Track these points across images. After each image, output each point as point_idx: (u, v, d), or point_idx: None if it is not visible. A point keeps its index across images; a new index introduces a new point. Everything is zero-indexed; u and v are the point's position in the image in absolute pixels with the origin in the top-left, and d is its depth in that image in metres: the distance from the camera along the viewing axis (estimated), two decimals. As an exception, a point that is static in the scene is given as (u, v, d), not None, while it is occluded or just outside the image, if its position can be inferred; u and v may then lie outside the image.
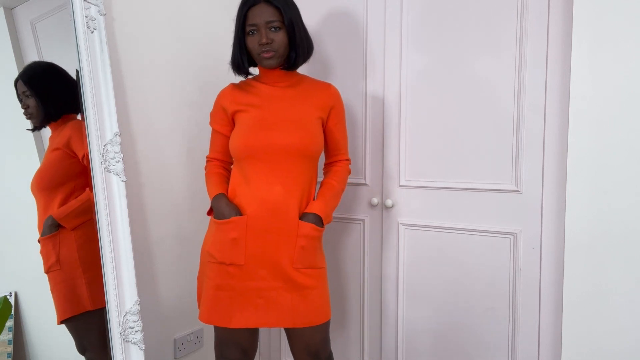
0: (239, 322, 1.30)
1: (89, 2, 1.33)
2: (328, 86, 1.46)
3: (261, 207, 1.31)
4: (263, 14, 1.29)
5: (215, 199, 1.37)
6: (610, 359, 1.31)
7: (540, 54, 1.45)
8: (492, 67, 1.53)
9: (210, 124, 1.47)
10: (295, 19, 1.33)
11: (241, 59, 1.37)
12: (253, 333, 1.42)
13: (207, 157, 1.51)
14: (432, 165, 1.68)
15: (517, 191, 1.52)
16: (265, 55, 1.31)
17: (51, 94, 1.33)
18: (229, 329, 1.34)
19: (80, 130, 1.34)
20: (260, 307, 1.31)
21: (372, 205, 1.82)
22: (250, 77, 1.46)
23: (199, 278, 1.41)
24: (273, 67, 1.36)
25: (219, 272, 1.31)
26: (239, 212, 1.32)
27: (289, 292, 1.31)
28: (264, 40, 1.28)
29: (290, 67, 1.38)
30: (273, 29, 1.30)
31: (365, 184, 1.84)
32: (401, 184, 1.74)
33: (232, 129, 1.41)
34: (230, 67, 1.42)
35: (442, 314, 1.70)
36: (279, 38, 1.31)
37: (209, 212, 1.41)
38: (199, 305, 1.39)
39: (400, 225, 1.76)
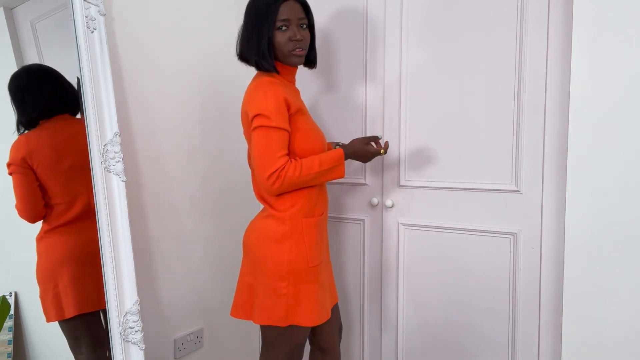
0: (329, 312, 1.40)
1: (89, 2, 1.33)
2: None
3: (327, 202, 1.44)
4: (295, 11, 1.29)
5: (345, 151, 1.37)
6: (610, 359, 1.31)
7: (540, 54, 1.45)
8: (492, 67, 1.53)
9: (276, 124, 1.23)
10: (313, 18, 1.38)
11: (269, 52, 1.30)
12: None
13: (280, 160, 1.23)
14: (432, 165, 1.68)
15: (517, 191, 1.52)
16: (299, 52, 1.31)
17: (24, 100, 1.31)
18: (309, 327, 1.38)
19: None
20: (330, 292, 1.44)
21: (372, 205, 1.82)
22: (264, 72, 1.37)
23: (287, 292, 1.29)
24: (298, 65, 1.37)
25: (318, 273, 1.35)
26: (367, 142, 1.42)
27: (331, 271, 1.48)
28: (298, 37, 1.29)
29: (312, 64, 1.43)
30: (303, 27, 1.32)
31: (365, 184, 1.84)
32: (401, 184, 1.74)
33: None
34: (255, 60, 1.32)
35: (442, 314, 1.70)
36: (307, 36, 1.33)
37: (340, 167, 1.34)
38: (288, 319, 1.30)
39: (400, 225, 1.76)
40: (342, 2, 1.83)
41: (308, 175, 1.27)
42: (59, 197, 1.34)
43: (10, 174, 1.28)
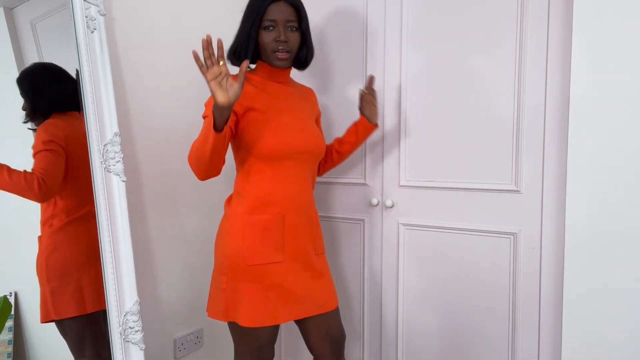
0: (284, 317, 1.33)
1: (89, 2, 1.33)
2: (311, 90, 1.55)
3: (293, 205, 1.36)
4: (283, 12, 1.30)
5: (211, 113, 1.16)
6: (610, 359, 1.31)
7: (540, 54, 1.45)
8: (492, 67, 1.53)
9: (206, 114, 1.28)
10: (308, 21, 1.38)
11: (246, 50, 1.33)
12: (277, 327, 1.43)
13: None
14: (432, 165, 1.68)
15: (517, 191, 1.52)
16: (281, 56, 1.32)
17: (36, 93, 1.31)
18: (270, 329, 1.34)
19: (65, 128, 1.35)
20: (300, 298, 1.35)
21: (372, 205, 1.82)
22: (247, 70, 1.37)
23: (226, 287, 1.32)
24: (283, 68, 1.37)
25: (263, 273, 1.31)
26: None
27: (315, 279, 1.39)
28: (282, 38, 1.30)
29: (301, 66, 1.43)
30: (290, 29, 1.32)
31: (365, 184, 1.84)
32: (401, 184, 1.74)
33: (237, 123, 1.31)
34: (233, 50, 1.36)
35: (442, 314, 1.70)
36: (295, 38, 1.33)
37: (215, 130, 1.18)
38: (228, 315, 1.32)
39: (400, 225, 1.76)
40: (341, 4, 1.83)
41: (195, 143, 1.24)
42: (84, 186, 1.33)
43: (47, 150, 1.26)
